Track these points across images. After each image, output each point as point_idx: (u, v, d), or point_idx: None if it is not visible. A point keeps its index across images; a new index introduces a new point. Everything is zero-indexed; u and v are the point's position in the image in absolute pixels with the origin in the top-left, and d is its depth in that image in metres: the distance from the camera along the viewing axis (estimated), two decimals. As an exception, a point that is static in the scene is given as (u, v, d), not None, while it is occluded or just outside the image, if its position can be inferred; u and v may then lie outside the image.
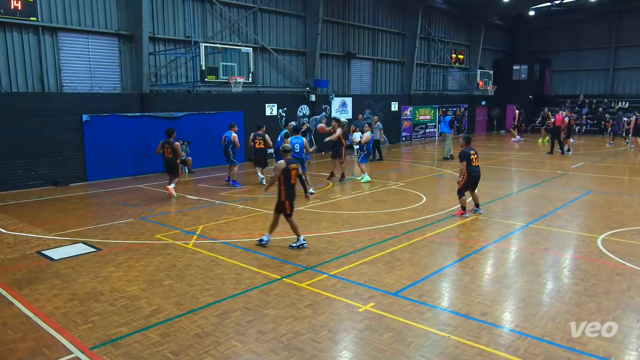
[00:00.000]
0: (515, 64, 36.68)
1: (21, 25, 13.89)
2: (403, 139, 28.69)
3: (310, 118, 22.66)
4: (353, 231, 9.27)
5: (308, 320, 5.52)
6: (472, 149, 10.22)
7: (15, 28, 13.82)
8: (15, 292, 6.42)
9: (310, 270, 7.13)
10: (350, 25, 24.68)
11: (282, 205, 8.09)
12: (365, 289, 6.40)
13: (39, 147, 14.25)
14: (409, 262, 7.43)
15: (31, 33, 14.14)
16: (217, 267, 7.31)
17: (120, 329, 5.34)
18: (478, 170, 10.28)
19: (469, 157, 10.08)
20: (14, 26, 13.77)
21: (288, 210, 8.08)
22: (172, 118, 17.24)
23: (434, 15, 30.14)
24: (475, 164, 10.19)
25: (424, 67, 30.10)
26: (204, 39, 17.87)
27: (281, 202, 8.08)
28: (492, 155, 21.50)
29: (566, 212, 10.74)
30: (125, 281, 6.79)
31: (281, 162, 8.10)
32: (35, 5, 13.91)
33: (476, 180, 10.29)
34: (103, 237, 9.07)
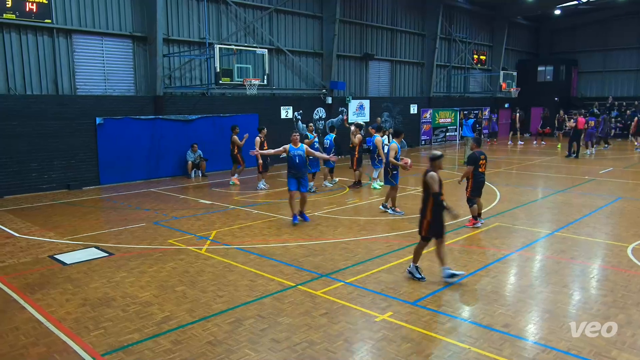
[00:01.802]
0: (540, 65, 36.25)
1: (36, 28, 14.20)
2: (422, 143, 28.54)
3: (326, 121, 22.68)
4: (370, 237, 9.24)
5: (323, 329, 5.50)
6: (482, 153, 9.88)
7: (30, 30, 14.14)
8: (28, 297, 6.53)
9: (325, 278, 7.12)
10: (368, 26, 24.68)
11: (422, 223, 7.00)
12: (382, 298, 6.36)
13: (53, 150, 14.52)
14: (428, 271, 7.37)
15: (46, 35, 14.45)
16: (231, 274, 7.34)
17: (131, 336, 5.39)
18: (483, 176, 9.96)
19: (478, 161, 9.77)
20: (28, 28, 14.09)
21: (424, 232, 6.95)
22: (185, 121, 17.43)
23: (455, 15, 29.99)
24: (482, 170, 9.85)
25: (445, 69, 29.95)
26: (219, 41, 18.04)
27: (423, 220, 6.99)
28: (516, 160, 21.25)
29: (594, 220, 10.55)
30: (138, 287, 6.86)
31: (434, 174, 6.99)
32: (50, 7, 14.21)
33: (482, 186, 9.94)
34: (115, 241, 9.18)
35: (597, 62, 35.57)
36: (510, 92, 30.59)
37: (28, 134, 14.00)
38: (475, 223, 9.93)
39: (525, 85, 32.74)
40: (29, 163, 14.12)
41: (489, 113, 31.47)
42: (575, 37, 36.10)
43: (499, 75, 30.79)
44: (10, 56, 13.85)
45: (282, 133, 19.11)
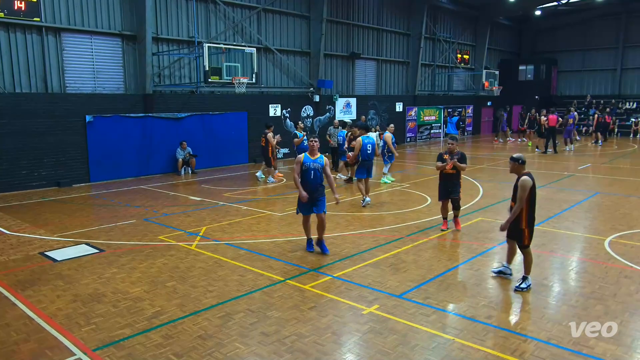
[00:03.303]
0: (521, 64, 36.60)
1: (25, 26, 13.97)
2: (408, 140, 28.66)
3: (314, 119, 22.68)
4: (357, 233, 9.27)
5: (312, 322, 5.52)
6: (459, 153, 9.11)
7: (19, 28, 13.91)
8: (18, 294, 6.45)
9: (314, 272, 7.13)
10: (355, 26, 24.69)
11: (521, 233, 6.41)
12: (369, 291, 6.39)
13: (42, 148, 14.32)
14: (414, 264, 7.42)
15: (35, 33, 14.23)
16: (221, 269, 7.32)
17: (123, 331, 5.35)
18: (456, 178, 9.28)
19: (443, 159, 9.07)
20: (17, 27, 13.86)
21: (526, 241, 6.43)
22: (175, 119, 17.31)
23: (439, 15, 30.13)
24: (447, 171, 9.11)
25: (429, 68, 30.09)
26: (208, 40, 17.92)
27: (520, 230, 6.40)
28: (498, 157, 21.44)
29: (573, 214, 10.69)
30: (128, 282, 6.81)
31: (527, 178, 6.28)
32: (39, 5, 13.99)
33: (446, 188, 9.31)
34: (106, 238, 9.10)
35: (576, 62, 36.01)
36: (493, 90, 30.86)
37: (17, 132, 13.79)
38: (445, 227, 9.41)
39: (507, 84, 33.05)
40: (18, 161, 13.92)
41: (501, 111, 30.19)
42: (555, 37, 36.50)
43: (482, 74, 31.05)
44: (-1, 54, 13.63)
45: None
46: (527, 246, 6.48)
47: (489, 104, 35.20)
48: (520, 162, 6.44)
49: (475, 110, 34.04)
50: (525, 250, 6.49)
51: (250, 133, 19.64)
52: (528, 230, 6.39)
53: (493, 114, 36.02)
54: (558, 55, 36.46)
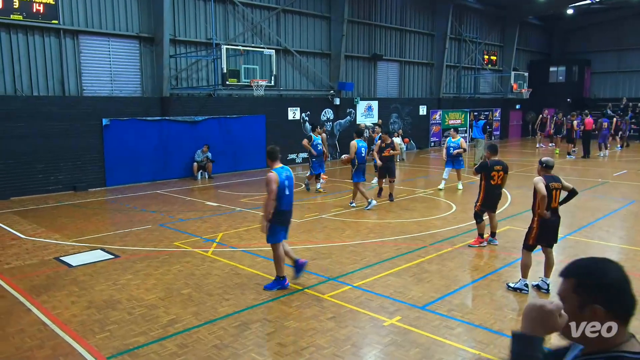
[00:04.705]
0: (552, 66, 36.06)
1: (43, 29, 14.33)
2: (432, 145, 28.47)
3: (334, 123, 22.70)
4: (378, 241, 9.22)
5: (330, 333, 5.50)
6: (500, 163, 8.55)
7: (37, 31, 14.28)
8: (33, 299, 6.58)
9: (333, 281, 7.11)
10: (377, 26, 24.68)
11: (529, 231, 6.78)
12: (390, 302, 6.34)
13: (59, 151, 14.64)
14: (438, 274, 7.34)
15: (52, 36, 14.59)
16: (237, 277, 7.36)
17: (137, 339, 5.41)
18: (499, 189, 8.71)
19: (490, 171, 8.48)
20: (35, 29, 14.23)
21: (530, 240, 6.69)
22: (192, 122, 17.52)
23: (465, 15, 29.92)
24: (497, 182, 8.55)
25: (454, 69, 29.87)
26: (226, 41, 18.11)
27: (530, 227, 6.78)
28: (527, 162, 21.13)
29: (607, 223, 10.46)
30: (143, 289, 6.89)
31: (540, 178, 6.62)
32: (57, 8, 14.35)
33: (495, 200, 8.78)
34: (121, 243, 9.24)
35: (611, 62, 35.30)
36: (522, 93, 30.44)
37: (34, 135, 14.12)
38: (482, 242, 8.82)
39: (537, 86, 32.59)
40: (35, 164, 14.24)
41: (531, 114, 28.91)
42: (588, 37, 35.86)
43: (510, 75, 30.67)
44: (17, 57, 13.99)
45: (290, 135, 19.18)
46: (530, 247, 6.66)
47: (517, 107, 34.76)
48: (542, 165, 6.74)
49: (503, 113, 33.64)
50: (525, 251, 6.70)
51: (268, 137, 19.74)
52: (536, 231, 6.59)
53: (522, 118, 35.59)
54: (591, 55, 35.81)
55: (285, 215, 6.87)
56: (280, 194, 6.72)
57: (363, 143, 12.39)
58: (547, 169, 6.77)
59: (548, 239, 6.76)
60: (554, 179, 6.70)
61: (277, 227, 6.80)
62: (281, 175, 6.76)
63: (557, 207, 6.76)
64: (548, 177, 6.68)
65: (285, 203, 6.80)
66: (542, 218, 6.59)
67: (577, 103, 33.38)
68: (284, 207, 6.79)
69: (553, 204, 6.68)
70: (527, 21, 34.31)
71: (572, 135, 22.83)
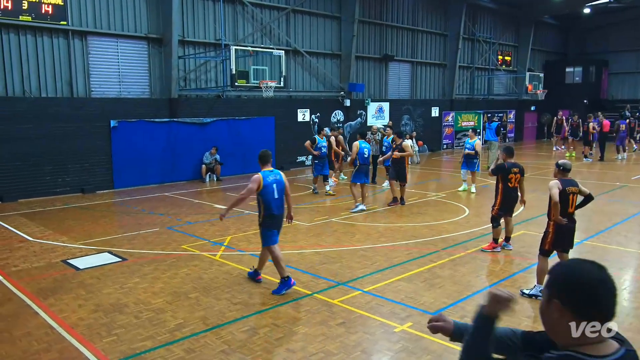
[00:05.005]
0: (568, 66, 35.77)
1: (51, 30, 14.50)
2: (444, 147, 28.35)
3: (344, 124, 22.69)
4: (389, 245, 9.20)
5: (340, 339, 5.49)
6: (516, 165, 8.50)
7: (45, 32, 14.45)
8: (41, 302, 6.64)
9: (343, 286, 7.10)
10: (388, 26, 24.66)
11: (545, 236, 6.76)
12: (402, 308, 6.32)
13: (67, 153, 14.78)
14: (450, 280, 7.30)
15: (61, 37, 14.75)
16: (245, 281, 7.37)
17: (144, 343, 5.44)
18: (516, 192, 8.65)
19: (508, 173, 8.43)
20: (44, 30, 14.40)
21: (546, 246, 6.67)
22: (201, 124, 17.61)
23: (479, 14, 29.80)
24: (514, 184, 8.52)
25: (467, 70, 29.75)
26: (235, 42, 18.19)
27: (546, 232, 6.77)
28: (543, 165, 20.97)
29: (626, 228, 10.34)
30: (151, 293, 6.93)
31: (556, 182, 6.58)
32: (66, 9, 14.51)
33: (512, 203, 8.71)
34: (129, 246, 9.30)
35: (629, 63, 34.91)
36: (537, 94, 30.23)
37: (42, 137, 14.27)
38: (495, 247, 8.72)
39: (553, 87, 32.34)
40: (43, 166, 14.39)
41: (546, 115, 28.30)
42: (605, 36, 35.51)
43: (525, 76, 30.47)
44: (26, 58, 14.16)
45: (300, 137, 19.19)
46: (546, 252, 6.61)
47: (532, 108, 34.52)
48: (559, 168, 6.72)
49: (517, 115, 33.43)
50: (541, 257, 6.65)
51: (277, 139, 19.79)
52: (552, 236, 6.56)
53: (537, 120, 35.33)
54: (609, 56, 35.46)
55: (276, 218, 6.94)
56: (269, 197, 6.82)
57: (366, 144, 12.47)
58: (564, 172, 6.71)
59: (564, 244, 6.70)
60: (571, 183, 6.64)
61: (268, 230, 6.91)
62: (267, 178, 6.85)
63: (573, 211, 6.69)
64: (565, 181, 6.62)
65: (274, 207, 6.88)
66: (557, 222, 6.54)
67: (594, 104, 33.07)
68: (274, 211, 6.87)
69: (569, 209, 6.61)
70: (542, 20, 34.08)
71: (589, 138, 22.57)
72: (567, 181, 6.65)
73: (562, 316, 1.71)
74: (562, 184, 6.56)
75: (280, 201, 6.97)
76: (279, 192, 6.91)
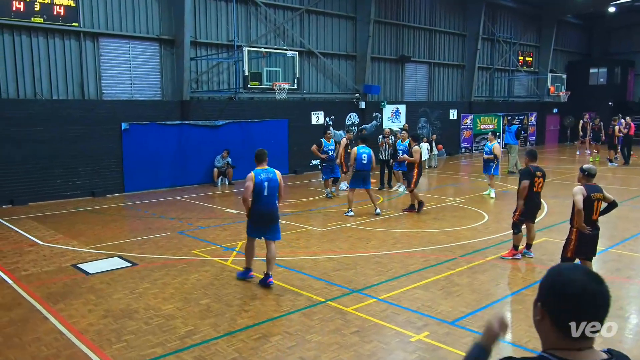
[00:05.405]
0: (592, 67, 35.37)
1: (63, 31, 14.73)
2: (462, 151, 28.18)
3: (359, 127, 22.67)
4: (405, 251, 9.15)
5: (354, 348, 5.46)
6: (539, 169, 8.47)
7: (57, 34, 14.68)
8: (50, 307, 6.72)
9: (357, 294, 7.08)
10: (405, 26, 24.63)
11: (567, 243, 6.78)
12: (418, 316, 6.28)
13: (78, 156, 14.97)
14: (468, 288, 7.24)
15: (73, 39, 14.97)
16: (257, 287, 7.38)
17: (154, 350, 5.47)
18: (539, 197, 8.57)
19: (533, 177, 8.36)
20: (56, 32, 14.64)
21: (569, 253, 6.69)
22: (212, 126, 17.72)
23: (499, 14, 29.62)
24: (537, 189, 8.43)
25: (487, 71, 29.57)
26: (248, 43, 18.31)
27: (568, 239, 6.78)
28: (566, 170, 20.73)
29: (653, 236, 10.16)
30: (161, 299, 6.97)
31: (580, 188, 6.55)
32: (78, 10, 14.74)
33: (535, 209, 8.64)
34: (139, 251, 9.38)
35: (657, 63, 34.44)
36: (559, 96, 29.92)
37: (53, 140, 14.48)
38: (516, 254, 8.61)
39: (576, 88, 31.99)
40: (53, 169, 14.59)
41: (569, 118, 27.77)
42: (631, 35, 35.03)
43: (547, 78, 30.20)
44: (38, 60, 14.40)
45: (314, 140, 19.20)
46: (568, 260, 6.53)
47: (555, 110, 34.17)
48: (583, 173, 6.65)
49: (539, 118, 33.12)
50: None
51: (290, 142, 19.84)
52: (575, 243, 6.52)
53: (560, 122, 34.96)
54: (635, 56, 34.95)
55: (263, 215, 7.36)
56: (260, 195, 7.29)
57: (365, 149, 12.30)
58: (588, 178, 6.62)
59: (587, 252, 6.61)
60: (595, 189, 6.55)
61: (253, 224, 7.45)
62: (259, 175, 7.34)
63: (597, 218, 6.60)
64: (589, 187, 6.54)
65: (262, 204, 7.32)
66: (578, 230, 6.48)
67: (619, 107, 32.62)
68: (261, 208, 7.32)
69: (593, 216, 6.53)
70: (565, 20, 33.77)
71: (614, 142, 22.22)
72: (592, 187, 6.56)
73: (543, 319, 1.76)
74: (586, 190, 6.48)
75: (270, 198, 7.41)
76: (270, 189, 7.36)
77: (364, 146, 12.46)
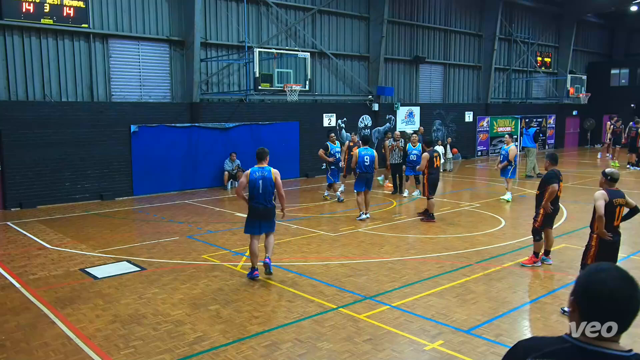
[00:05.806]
0: (613, 68, 35.04)
1: (72, 33, 14.91)
2: (478, 154, 28.03)
3: (372, 130, 22.65)
4: (419, 257, 9.11)
5: (367, 356, 5.45)
6: (560, 174, 8.42)
7: (67, 35, 14.86)
8: (58, 311, 6.79)
9: (370, 300, 7.06)
10: (419, 27, 24.59)
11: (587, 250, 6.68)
12: (432, 324, 6.24)
13: (87, 158, 15.11)
14: (485, 296, 7.19)
15: (82, 40, 15.15)
16: (267, 293, 7.39)
17: (162, 356, 5.50)
18: (557, 203, 8.50)
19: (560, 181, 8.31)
20: (65, 33, 14.82)
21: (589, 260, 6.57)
22: (223, 129, 17.80)
23: (516, 13, 29.47)
24: (558, 194, 8.33)
25: (504, 72, 29.41)
26: (258, 44, 18.40)
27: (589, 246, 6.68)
28: (587, 174, 20.52)
29: (678, 243, 10.02)
30: (170, 304, 7.01)
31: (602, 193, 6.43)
32: (87, 11, 14.91)
33: (555, 214, 8.54)
34: (148, 255, 9.44)
35: (681, 64, 34.01)
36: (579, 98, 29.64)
37: (62, 142, 14.63)
38: (536, 262, 8.55)
39: (597, 90, 31.68)
40: (62, 172, 14.74)
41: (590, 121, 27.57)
42: (655, 36, 34.71)
43: (566, 79, 29.95)
44: (47, 62, 14.58)
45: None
46: None
47: (574, 113, 33.86)
48: (606, 178, 6.53)
49: (558, 120, 32.84)
50: None
51: (302, 144, 19.87)
52: (595, 250, 6.45)
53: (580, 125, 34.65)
54: (659, 57, 34.62)
55: (257, 211, 7.87)
56: (254, 191, 7.84)
57: (367, 151, 12.36)
58: (611, 182, 6.51)
59: (607, 259, 6.52)
60: (618, 194, 6.44)
61: (250, 220, 7.94)
62: (254, 173, 7.86)
63: (618, 224, 6.52)
64: (612, 192, 6.43)
65: (256, 201, 7.85)
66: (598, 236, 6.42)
67: (642, 109, 32.28)
68: (254, 204, 7.87)
69: (615, 222, 6.44)
70: (585, 19, 33.49)
71: (637, 145, 21.97)
72: (614, 192, 6.46)
73: (574, 311, 1.89)
74: (608, 195, 6.39)
75: (264, 196, 7.87)
76: (265, 187, 7.83)
77: (366, 148, 12.55)
